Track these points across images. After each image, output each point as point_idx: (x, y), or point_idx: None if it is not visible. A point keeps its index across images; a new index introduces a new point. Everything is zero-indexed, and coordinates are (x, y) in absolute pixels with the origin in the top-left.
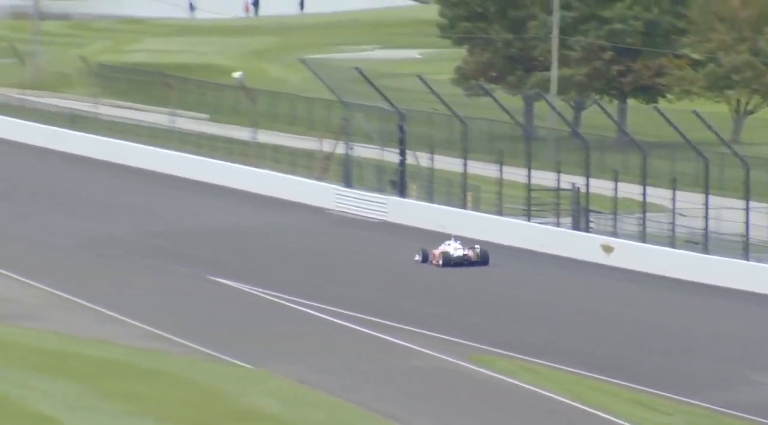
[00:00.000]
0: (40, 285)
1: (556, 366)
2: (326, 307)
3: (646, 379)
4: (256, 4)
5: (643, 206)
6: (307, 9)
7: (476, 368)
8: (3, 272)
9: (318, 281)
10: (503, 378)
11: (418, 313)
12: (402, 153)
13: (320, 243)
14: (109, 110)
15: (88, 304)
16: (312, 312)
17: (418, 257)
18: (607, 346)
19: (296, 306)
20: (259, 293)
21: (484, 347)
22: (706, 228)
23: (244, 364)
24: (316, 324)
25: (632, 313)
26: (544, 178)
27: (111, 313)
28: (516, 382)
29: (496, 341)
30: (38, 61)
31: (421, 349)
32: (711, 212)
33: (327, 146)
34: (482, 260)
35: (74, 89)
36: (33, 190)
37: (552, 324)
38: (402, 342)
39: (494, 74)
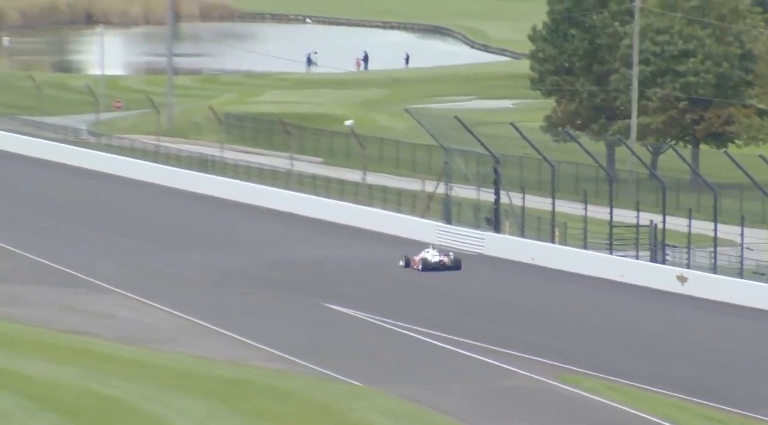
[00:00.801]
0: (179, 313)
1: (637, 385)
2: (430, 331)
3: (716, 395)
4: (366, 59)
5: (714, 241)
6: (412, 64)
7: (565, 386)
8: (147, 301)
9: (422, 309)
10: (590, 396)
11: (511, 337)
12: (497, 193)
13: (424, 274)
14: (234, 154)
15: (219, 330)
16: (417, 336)
17: (401, 263)
18: (684, 367)
19: (403, 331)
20: (370, 319)
21: (570, 367)
22: None
23: (356, 383)
24: (421, 347)
25: (704, 337)
26: (624, 215)
27: (239, 337)
28: (601, 400)
29: (581, 362)
30: (172, 111)
31: (515, 369)
32: None
33: (429, 186)
34: (455, 265)
35: (204, 136)
36: (168, 228)
37: (632, 347)
38: (498, 363)
39: (580, 122)
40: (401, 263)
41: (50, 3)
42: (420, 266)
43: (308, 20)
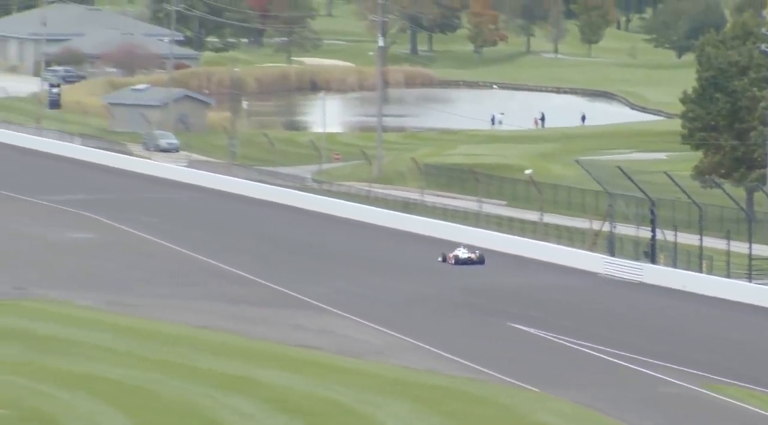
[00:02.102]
0: (387, 331)
1: None
2: (598, 347)
3: None
4: (543, 119)
5: None
6: (588, 122)
7: (711, 393)
8: (361, 321)
9: (593, 328)
10: (733, 402)
11: (664, 351)
12: (653, 230)
13: (593, 298)
14: (433, 198)
15: (421, 345)
16: (588, 351)
17: (439, 259)
18: None
19: (577, 346)
20: (549, 337)
21: (714, 377)
22: None
23: (535, 389)
24: (591, 360)
25: None
26: (762, 250)
27: (437, 351)
28: (744, 405)
29: (724, 372)
30: (381, 162)
31: (668, 378)
32: None
33: (596, 225)
34: (480, 260)
35: (407, 183)
36: (377, 259)
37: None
38: (653, 373)
39: (723, 171)
40: (439, 259)
41: (281, 72)
42: (453, 261)
43: (495, 86)
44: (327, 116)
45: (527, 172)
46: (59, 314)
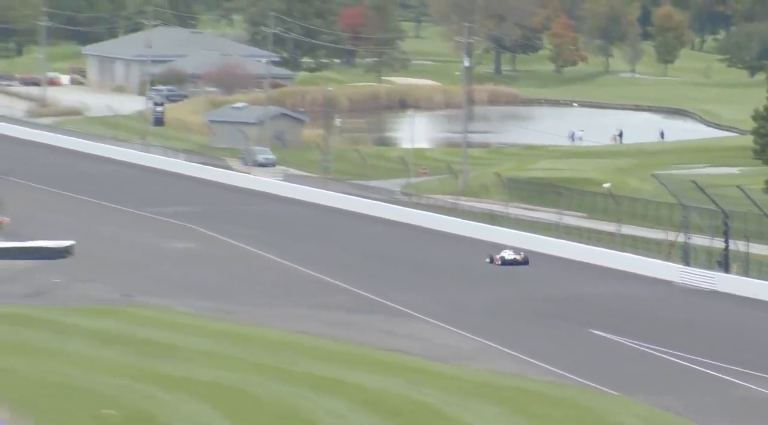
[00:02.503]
0: (474, 337)
1: None
2: (675, 353)
3: None
4: (621, 135)
5: None
6: (657, 138)
7: None
8: (449, 327)
9: (669, 335)
10: None
11: (736, 356)
12: (726, 241)
13: (669, 306)
14: (516, 210)
15: (506, 350)
16: (665, 357)
17: (487, 260)
18: None
19: (654, 352)
20: (627, 342)
21: None
22: None
23: (614, 393)
24: (668, 365)
25: None
26: None
27: (521, 356)
28: None
29: None
30: (467, 176)
31: (742, 383)
32: None
33: (671, 236)
34: (525, 261)
35: (491, 196)
36: (463, 269)
37: None
38: (728, 378)
39: None
40: (487, 260)
41: (372, 91)
42: (500, 262)
43: (575, 104)
44: (415, 133)
45: (606, 185)
46: (163, 321)
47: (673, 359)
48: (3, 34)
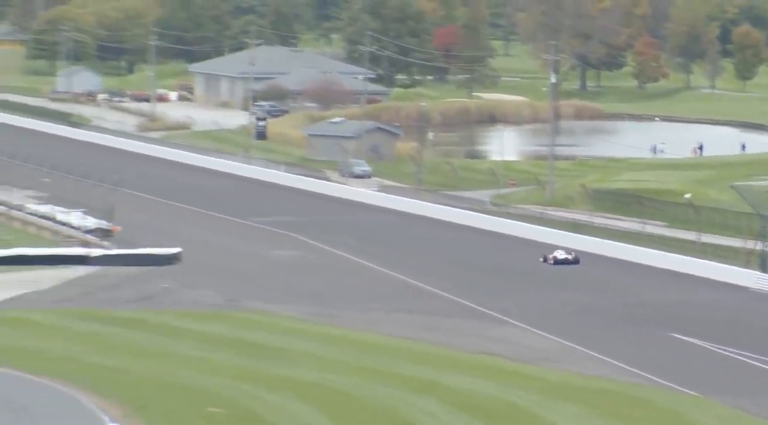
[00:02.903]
0: (559, 340)
1: None
2: (754, 356)
3: None
4: (701, 148)
5: None
6: (735, 151)
7: None
8: (536, 330)
9: (747, 337)
10: None
11: None
12: None
13: (746, 310)
14: (599, 219)
15: (590, 352)
16: (744, 360)
17: (541, 259)
18: None
19: (734, 355)
20: (707, 346)
21: None
22: None
23: (694, 394)
24: (748, 368)
25: None
26: None
27: (604, 358)
28: None
29: None
30: (553, 187)
31: None
32: None
33: (749, 244)
34: (575, 261)
35: (576, 206)
36: (548, 275)
37: None
38: None
39: None
40: (541, 259)
41: (463, 106)
42: (553, 262)
43: (656, 119)
44: (504, 146)
45: (686, 196)
46: (267, 324)
47: (751, 361)
48: (115, 53)
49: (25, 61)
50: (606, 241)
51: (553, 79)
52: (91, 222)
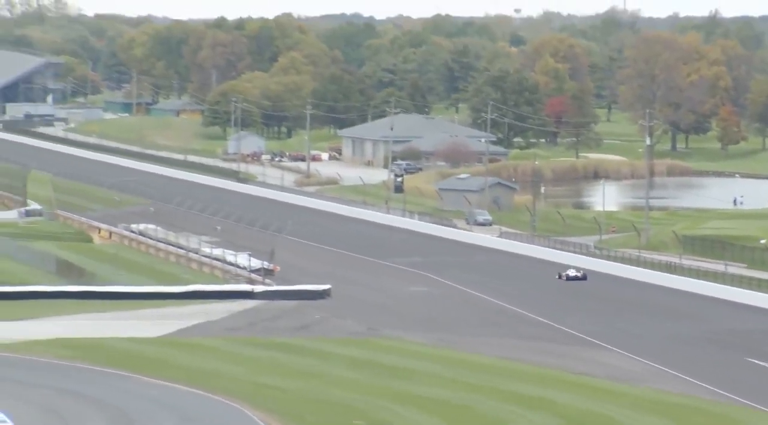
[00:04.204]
0: (647, 361)
1: None
2: None
3: None
4: None
5: None
6: None
7: None
8: (624, 353)
9: None
10: None
11: None
12: None
13: None
14: (689, 262)
15: (672, 372)
16: None
17: (557, 276)
18: None
19: None
20: None
21: None
22: None
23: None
24: None
25: None
26: None
27: (686, 377)
28: None
29: None
30: (648, 233)
31: None
32: None
33: None
34: (583, 277)
35: (669, 250)
36: (641, 306)
37: None
38: None
39: None
40: (556, 276)
41: (571, 165)
42: (566, 278)
43: (737, 175)
44: (606, 198)
45: (762, 241)
46: (400, 349)
47: None
48: (277, 121)
49: (201, 127)
50: (696, 280)
51: (648, 142)
52: (256, 263)
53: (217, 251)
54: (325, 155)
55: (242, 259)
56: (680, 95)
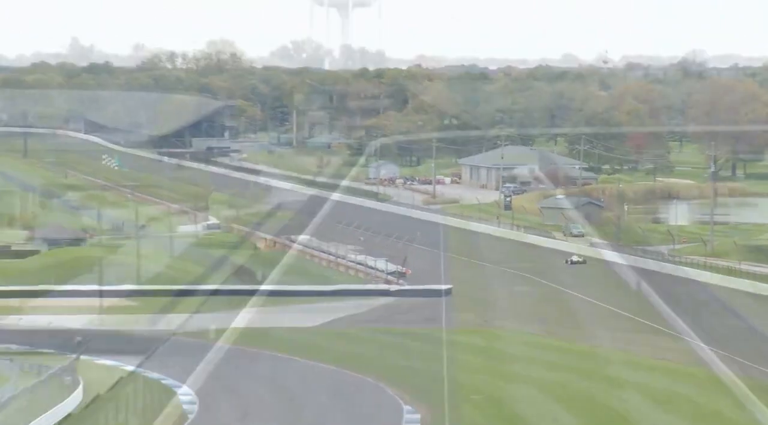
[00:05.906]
0: (718, 350)
1: None
2: None
3: None
4: None
5: None
6: None
7: None
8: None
9: None
10: None
11: None
12: None
13: None
14: (747, 266)
15: (739, 359)
16: None
17: (565, 262)
18: None
19: None
20: None
21: None
22: None
23: None
24: None
25: None
26: None
27: (750, 364)
28: None
29: None
30: (712, 243)
31: None
32: None
33: None
34: (583, 261)
35: (730, 257)
36: (715, 307)
37: None
38: None
39: None
40: (565, 262)
41: (649, 187)
42: (570, 263)
43: None
44: (678, 215)
45: None
46: (508, 338)
47: None
48: (409, 151)
49: (348, 156)
50: (749, 281)
51: (712, 168)
52: (391, 267)
53: (360, 257)
54: (447, 179)
55: (380, 263)
56: (739, 132)
